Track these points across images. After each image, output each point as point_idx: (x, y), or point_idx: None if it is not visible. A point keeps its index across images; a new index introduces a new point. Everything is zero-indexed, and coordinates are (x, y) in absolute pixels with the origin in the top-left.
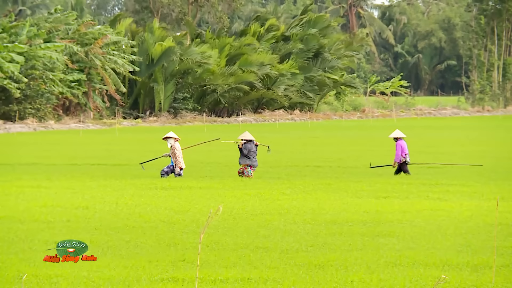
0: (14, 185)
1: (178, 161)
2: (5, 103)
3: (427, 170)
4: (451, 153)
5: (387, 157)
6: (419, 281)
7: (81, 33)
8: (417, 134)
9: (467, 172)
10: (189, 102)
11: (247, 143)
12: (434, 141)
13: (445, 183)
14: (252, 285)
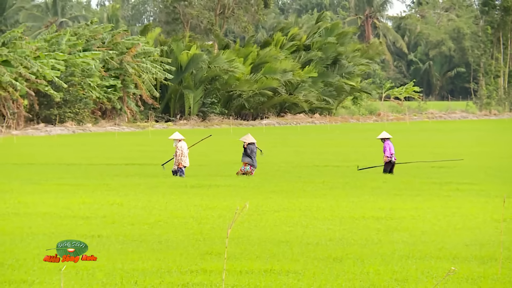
0: (55, 183)
1: (177, 160)
2: (46, 107)
3: (438, 170)
4: (459, 154)
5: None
6: (430, 272)
7: (115, 43)
8: (429, 136)
9: (475, 171)
10: (217, 107)
11: (250, 144)
12: (444, 142)
13: (455, 182)
14: (275, 276)
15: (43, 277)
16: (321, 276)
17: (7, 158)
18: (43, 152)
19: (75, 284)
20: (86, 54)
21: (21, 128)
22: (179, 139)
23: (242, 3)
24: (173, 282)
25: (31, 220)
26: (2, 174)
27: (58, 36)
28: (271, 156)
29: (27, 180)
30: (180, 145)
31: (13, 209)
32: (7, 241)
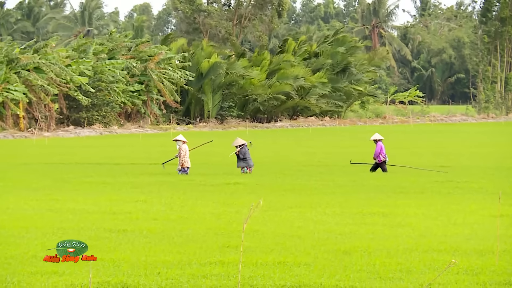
0: (84, 182)
1: (181, 160)
2: (75, 111)
3: (440, 169)
4: (459, 154)
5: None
6: (433, 264)
7: (139, 51)
8: (431, 138)
9: (474, 171)
10: (234, 110)
11: (242, 148)
12: (446, 143)
13: (455, 180)
14: (288, 268)
15: (72, 268)
16: (330, 267)
17: (39, 158)
18: (72, 152)
19: (102, 275)
20: (112, 61)
21: (52, 130)
22: (182, 141)
23: (257, 14)
24: (193, 273)
25: (61, 215)
26: (35, 173)
27: (86, 44)
28: (284, 156)
29: (58, 179)
30: (184, 147)
31: (46, 205)
32: (39, 235)
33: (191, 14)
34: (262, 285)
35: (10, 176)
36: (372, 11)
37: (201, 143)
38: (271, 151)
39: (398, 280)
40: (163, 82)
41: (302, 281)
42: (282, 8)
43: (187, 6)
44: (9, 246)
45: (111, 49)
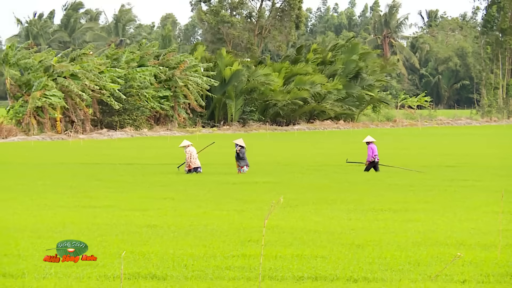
0: (116, 180)
1: (187, 162)
2: (108, 115)
3: (446, 169)
4: (465, 155)
5: (412, 157)
6: (439, 257)
7: (167, 59)
8: (438, 140)
9: (478, 170)
10: (255, 114)
11: (242, 148)
12: (452, 145)
13: (461, 179)
14: (305, 260)
15: (105, 260)
16: (344, 260)
17: (75, 159)
18: (105, 153)
19: (133, 266)
20: (142, 69)
21: (87, 132)
22: (187, 145)
23: (276, 25)
24: (217, 265)
25: (95, 212)
26: (71, 172)
27: (118, 53)
28: (302, 156)
29: (92, 177)
30: (189, 149)
31: (80, 202)
32: (74, 230)
33: (215, 25)
34: (282, 276)
35: (48, 175)
36: (383, 23)
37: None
38: (290, 152)
39: (408, 272)
40: (189, 88)
41: (318, 273)
42: (299, 20)
43: (212, 17)
44: (47, 240)
45: (141, 57)
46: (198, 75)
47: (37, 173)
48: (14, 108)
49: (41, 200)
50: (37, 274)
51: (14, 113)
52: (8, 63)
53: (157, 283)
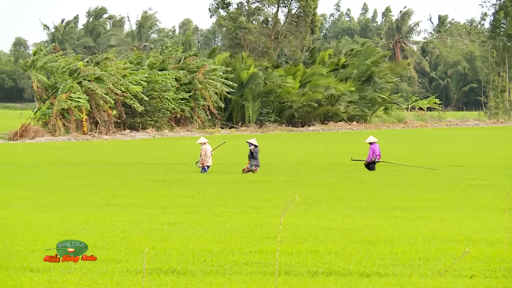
0: (138, 179)
1: (201, 159)
2: (131, 116)
3: (455, 168)
4: (473, 155)
5: (423, 157)
6: (448, 253)
7: (187, 63)
8: (447, 140)
9: (485, 170)
10: (271, 116)
11: (256, 147)
12: (460, 145)
13: (469, 178)
14: (320, 256)
15: (128, 256)
16: (357, 255)
17: (99, 159)
18: (128, 153)
19: (155, 262)
20: (163, 72)
21: (110, 133)
22: (203, 142)
23: (292, 30)
24: (235, 261)
25: (119, 209)
26: (95, 171)
27: (141, 57)
28: (317, 156)
29: (115, 177)
30: (204, 147)
31: (104, 200)
32: (99, 227)
33: (233, 30)
34: (297, 271)
35: (73, 174)
36: (395, 28)
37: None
38: (305, 152)
39: (418, 267)
40: (208, 91)
41: (332, 268)
42: (314, 25)
43: (230, 23)
44: (72, 236)
45: (163, 61)
46: (217, 78)
47: (62, 172)
48: (41, 110)
49: (67, 199)
50: (63, 269)
51: (41, 114)
52: (35, 67)
53: (177, 277)
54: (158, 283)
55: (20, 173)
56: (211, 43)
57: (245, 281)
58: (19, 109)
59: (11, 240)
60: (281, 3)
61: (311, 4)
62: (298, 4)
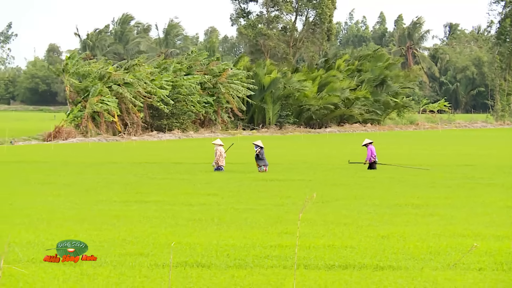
0: (165, 178)
1: (216, 159)
2: (158, 118)
3: (464, 168)
4: (480, 155)
5: (433, 157)
6: (457, 247)
7: (211, 68)
8: (456, 141)
9: (493, 169)
10: (290, 118)
11: (262, 149)
12: (469, 145)
13: (477, 177)
14: (336, 250)
15: (155, 250)
16: (372, 250)
17: (128, 158)
18: (155, 153)
19: (180, 256)
20: (188, 77)
21: (138, 134)
22: (219, 144)
23: (310, 37)
24: (256, 255)
25: (146, 206)
26: (124, 170)
27: (167, 63)
28: (333, 156)
29: (143, 175)
30: (219, 148)
31: (133, 198)
32: (127, 223)
33: (253, 37)
34: (315, 265)
35: (103, 173)
36: (407, 35)
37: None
38: (322, 152)
39: (429, 261)
40: (230, 94)
41: (348, 261)
42: (330, 33)
43: (250, 31)
44: (102, 232)
45: (188, 66)
46: (239, 82)
47: (93, 171)
48: (73, 112)
49: (97, 196)
50: (94, 263)
51: (73, 117)
52: (68, 72)
53: (202, 270)
54: (184, 276)
55: (54, 172)
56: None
57: (266, 274)
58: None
59: (46, 235)
60: (299, 11)
61: (327, 12)
62: (314, 12)
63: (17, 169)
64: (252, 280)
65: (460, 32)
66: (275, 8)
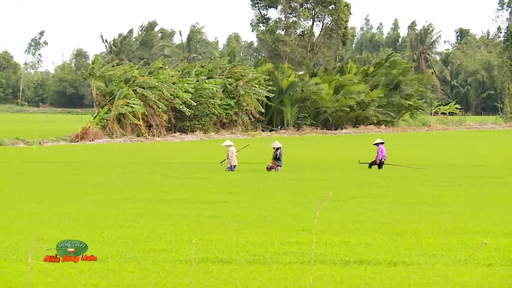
0: (187, 177)
1: (228, 160)
2: (180, 120)
3: (473, 168)
4: (490, 155)
5: (444, 157)
6: (468, 244)
7: (232, 72)
8: (467, 142)
9: (501, 169)
10: (308, 120)
11: (279, 149)
12: (479, 146)
13: (486, 176)
14: (351, 247)
15: (178, 246)
16: (386, 246)
17: (152, 158)
18: (178, 154)
19: (202, 252)
20: (210, 81)
21: (162, 135)
22: (229, 145)
23: (326, 42)
24: (275, 251)
25: (169, 204)
26: (148, 170)
27: (189, 67)
28: (348, 156)
29: (166, 175)
30: (231, 149)
31: (156, 196)
32: (151, 220)
33: (272, 43)
34: (331, 260)
35: (128, 172)
36: (419, 40)
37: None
38: (338, 152)
39: (440, 257)
40: (250, 97)
41: (362, 257)
42: (346, 38)
43: (269, 36)
44: (127, 229)
45: (210, 70)
46: (258, 86)
47: (119, 171)
48: (100, 114)
49: (122, 194)
50: (119, 258)
51: (100, 119)
52: (94, 76)
53: (223, 266)
54: (205, 271)
55: (81, 171)
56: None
57: (284, 269)
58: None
59: (73, 232)
60: (316, 18)
61: (343, 17)
62: (331, 18)
63: (46, 169)
64: (271, 275)
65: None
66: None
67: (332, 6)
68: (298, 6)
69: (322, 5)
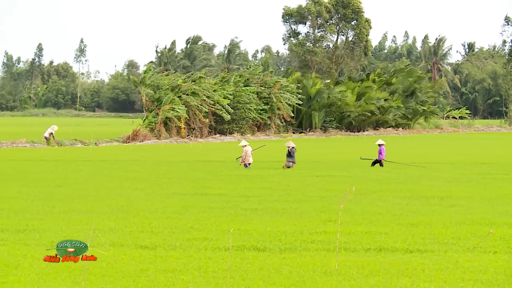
0: (226, 174)
1: (243, 159)
2: (220, 123)
3: (482, 165)
4: (497, 155)
5: (454, 156)
6: (476, 233)
7: (265, 80)
8: (475, 143)
9: (506, 167)
10: (333, 123)
11: (293, 148)
12: (486, 146)
13: (493, 173)
14: (371, 236)
15: (218, 235)
16: (403, 236)
17: (195, 157)
18: (218, 153)
19: (239, 240)
20: (246, 88)
21: (204, 137)
22: (244, 145)
23: (349, 54)
24: (304, 239)
25: (210, 198)
26: (191, 167)
27: (228, 76)
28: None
29: (208, 172)
30: (245, 149)
31: (199, 191)
32: (194, 212)
33: (302, 54)
34: (354, 248)
35: (174, 170)
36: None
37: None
38: (360, 152)
39: (451, 245)
40: (282, 103)
41: (382, 245)
42: (367, 49)
43: (299, 48)
44: (173, 220)
45: (247, 78)
46: (289, 93)
47: (166, 168)
48: (148, 118)
49: (168, 189)
50: (166, 246)
51: (148, 122)
52: (144, 84)
53: (257, 253)
54: (242, 258)
55: (132, 168)
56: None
57: (312, 256)
58: (131, 118)
59: (125, 223)
60: (340, 32)
61: (364, 32)
62: (353, 32)
63: (101, 166)
64: (300, 261)
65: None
66: (321, 29)
67: (354, 21)
68: (325, 22)
69: (345, 21)
